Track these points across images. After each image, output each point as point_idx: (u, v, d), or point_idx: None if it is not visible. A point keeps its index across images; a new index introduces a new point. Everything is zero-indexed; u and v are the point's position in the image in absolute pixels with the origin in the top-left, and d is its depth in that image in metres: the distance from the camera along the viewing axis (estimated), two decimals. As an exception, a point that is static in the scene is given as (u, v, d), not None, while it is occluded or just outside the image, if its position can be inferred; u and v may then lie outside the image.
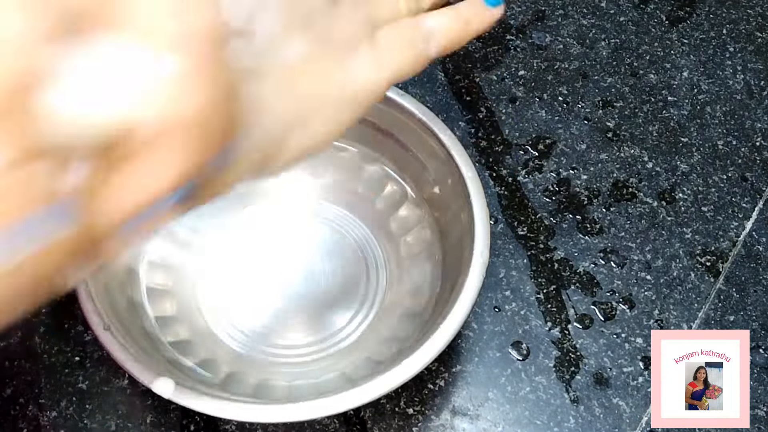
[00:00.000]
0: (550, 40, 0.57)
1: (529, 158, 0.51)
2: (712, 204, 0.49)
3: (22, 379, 0.41)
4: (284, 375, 0.41)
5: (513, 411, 0.41)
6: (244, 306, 0.43)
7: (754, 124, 0.53)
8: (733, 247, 0.48)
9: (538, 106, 0.53)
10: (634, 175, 0.50)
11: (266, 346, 0.42)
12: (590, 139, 0.52)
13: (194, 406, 0.32)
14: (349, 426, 0.41)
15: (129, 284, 0.40)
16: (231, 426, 0.40)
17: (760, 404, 0.42)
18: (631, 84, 0.55)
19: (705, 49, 0.57)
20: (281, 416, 0.33)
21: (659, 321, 0.45)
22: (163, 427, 0.40)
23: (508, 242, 0.47)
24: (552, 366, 0.43)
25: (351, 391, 0.33)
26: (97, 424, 0.40)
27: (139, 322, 0.38)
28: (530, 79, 0.55)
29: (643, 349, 0.44)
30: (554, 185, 0.50)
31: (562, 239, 0.47)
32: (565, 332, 0.44)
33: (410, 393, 0.42)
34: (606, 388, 0.42)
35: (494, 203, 0.49)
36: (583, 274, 0.46)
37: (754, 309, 0.45)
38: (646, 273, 0.46)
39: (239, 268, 0.44)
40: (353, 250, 0.45)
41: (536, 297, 0.45)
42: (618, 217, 0.49)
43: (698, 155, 0.51)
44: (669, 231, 0.48)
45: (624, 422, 0.41)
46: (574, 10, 0.58)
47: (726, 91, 0.55)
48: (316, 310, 0.43)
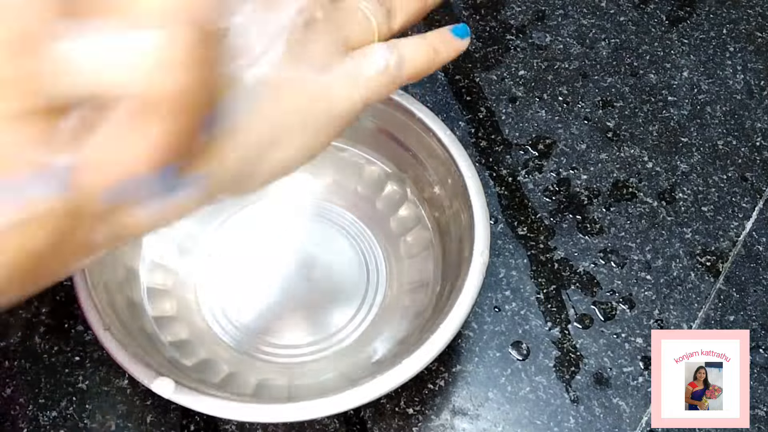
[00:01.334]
0: (550, 40, 0.57)
1: (529, 158, 0.51)
2: (712, 204, 0.49)
3: (22, 379, 0.41)
4: (284, 375, 0.41)
5: (513, 411, 0.41)
6: (243, 306, 0.43)
7: (754, 124, 0.53)
8: (733, 247, 0.48)
9: (538, 106, 0.53)
10: (634, 175, 0.50)
11: (266, 346, 0.42)
12: (590, 139, 0.52)
13: (194, 406, 0.32)
14: (349, 426, 0.41)
15: (129, 284, 0.40)
16: (231, 426, 0.40)
17: (760, 404, 0.42)
18: (631, 84, 0.55)
19: (705, 49, 0.57)
20: (281, 416, 0.33)
21: (659, 321, 0.45)
22: (163, 427, 0.40)
23: (508, 242, 0.47)
24: (552, 366, 0.43)
25: (351, 391, 0.33)
26: (97, 424, 0.40)
27: (139, 322, 0.38)
28: (530, 79, 0.55)
29: (643, 349, 0.44)
30: (554, 185, 0.50)
31: (562, 239, 0.47)
32: (565, 332, 0.44)
33: (410, 393, 0.42)
34: (606, 388, 0.42)
35: (494, 203, 0.49)
36: (583, 274, 0.46)
37: (754, 309, 0.45)
38: (646, 273, 0.46)
39: (239, 268, 0.44)
40: (353, 250, 0.45)
41: (536, 297, 0.45)
42: (618, 217, 0.49)
43: (698, 155, 0.51)
44: (669, 231, 0.48)
45: (624, 422, 0.41)
46: (574, 10, 0.58)
47: (726, 91, 0.55)
48: (316, 309, 0.43)
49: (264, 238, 0.46)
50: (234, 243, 0.45)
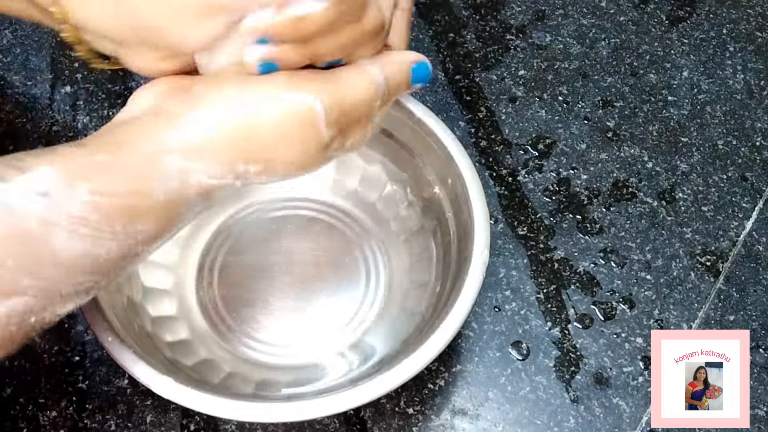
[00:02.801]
0: (550, 39, 0.57)
1: (529, 158, 0.51)
2: (712, 204, 0.49)
3: (22, 379, 0.41)
4: (284, 375, 0.41)
5: (513, 411, 0.41)
6: (243, 306, 0.43)
7: (754, 123, 0.53)
8: (733, 246, 0.48)
9: (538, 105, 0.53)
10: (634, 174, 0.50)
11: (265, 345, 0.42)
12: (590, 138, 0.52)
13: (194, 406, 0.32)
14: (349, 426, 0.41)
15: (129, 284, 0.40)
16: (231, 426, 0.40)
17: (760, 404, 0.42)
18: (631, 84, 0.55)
19: (705, 49, 0.57)
20: (281, 416, 0.33)
21: (659, 321, 0.45)
22: (163, 427, 0.40)
23: (508, 242, 0.47)
24: (552, 366, 0.43)
25: (351, 391, 0.33)
26: (97, 424, 0.40)
27: (139, 322, 0.38)
28: (530, 78, 0.55)
29: (643, 349, 0.44)
30: (554, 185, 0.50)
31: (562, 239, 0.47)
32: (565, 332, 0.44)
33: (410, 393, 0.42)
34: (606, 387, 0.42)
35: (494, 203, 0.49)
36: (583, 274, 0.46)
37: (754, 309, 0.45)
38: (646, 273, 0.46)
39: (239, 269, 0.44)
40: (353, 250, 0.45)
41: (536, 297, 0.45)
42: (618, 216, 0.49)
43: (698, 155, 0.51)
44: (669, 231, 0.48)
45: (624, 422, 0.41)
46: (574, 9, 0.58)
47: (726, 90, 0.55)
48: (316, 309, 0.43)
49: (264, 238, 0.46)
50: (234, 243, 0.45)
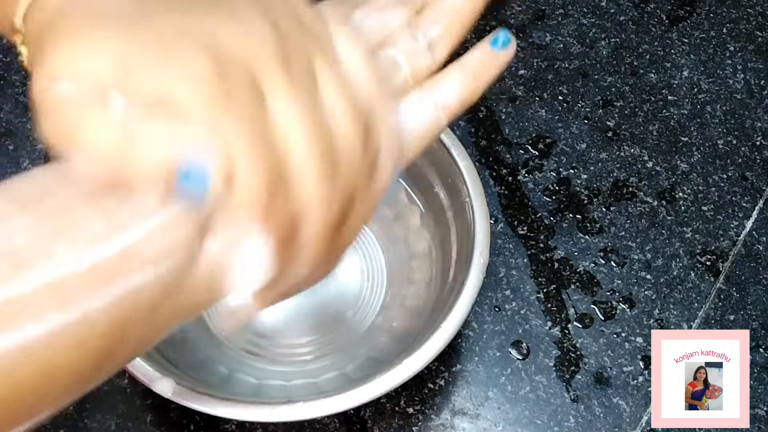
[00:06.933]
0: (551, 39, 0.57)
1: (529, 157, 0.51)
2: (712, 203, 0.49)
3: (22, 378, 0.41)
4: (284, 375, 0.41)
5: (513, 410, 0.41)
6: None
7: (754, 123, 0.53)
8: (733, 246, 0.48)
9: (538, 105, 0.53)
10: (634, 174, 0.50)
11: (266, 345, 0.42)
12: (590, 138, 0.52)
13: (194, 406, 0.32)
14: (349, 425, 0.41)
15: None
16: (231, 426, 0.40)
17: (760, 404, 0.42)
18: (631, 83, 0.55)
19: (705, 49, 0.57)
20: (281, 416, 0.33)
21: (659, 320, 0.45)
22: (163, 427, 0.40)
23: (508, 242, 0.47)
24: (552, 365, 0.43)
25: (351, 391, 0.33)
26: (97, 424, 0.40)
27: (139, 321, 0.38)
28: (530, 78, 0.55)
29: (643, 349, 0.44)
30: (554, 184, 0.50)
31: (562, 238, 0.47)
32: (565, 331, 0.44)
33: (410, 392, 0.42)
34: (606, 387, 0.42)
35: (494, 203, 0.49)
36: (583, 274, 0.46)
37: (754, 308, 0.45)
38: (646, 272, 0.46)
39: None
40: (353, 251, 0.45)
41: (536, 296, 0.45)
42: (618, 216, 0.49)
43: (698, 154, 0.51)
44: (669, 230, 0.48)
45: (624, 422, 0.41)
46: (575, 9, 0.58)
47: (726, 90, 0.54)
48: (316, 309, 0.43)
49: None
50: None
